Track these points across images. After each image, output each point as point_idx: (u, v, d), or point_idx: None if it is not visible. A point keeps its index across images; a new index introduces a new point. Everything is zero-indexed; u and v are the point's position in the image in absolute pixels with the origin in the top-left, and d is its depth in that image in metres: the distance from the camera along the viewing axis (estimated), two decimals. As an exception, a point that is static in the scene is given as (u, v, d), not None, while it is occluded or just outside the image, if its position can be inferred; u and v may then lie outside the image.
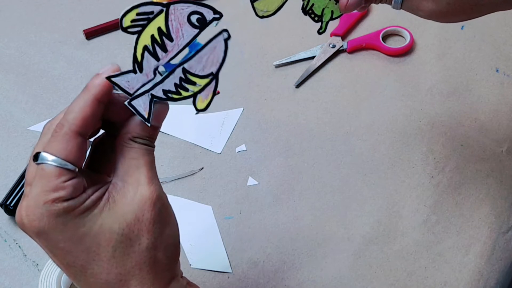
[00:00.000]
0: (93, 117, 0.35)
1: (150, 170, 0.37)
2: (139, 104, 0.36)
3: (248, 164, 0.64)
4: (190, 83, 0.36)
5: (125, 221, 0.35)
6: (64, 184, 0.34)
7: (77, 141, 0.35)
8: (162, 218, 0.37)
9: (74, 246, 0.35)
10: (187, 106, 0.68)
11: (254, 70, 0.73)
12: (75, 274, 0.36)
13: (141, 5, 0.34)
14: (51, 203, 0.33)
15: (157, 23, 0.34)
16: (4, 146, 0.65)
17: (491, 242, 0.58)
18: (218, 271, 0.56)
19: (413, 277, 0.55)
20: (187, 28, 0.34)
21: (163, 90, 0.36)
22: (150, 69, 0.35)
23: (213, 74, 0.36)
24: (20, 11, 0.81)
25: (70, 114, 0.35)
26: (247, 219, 0.59)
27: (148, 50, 0.35)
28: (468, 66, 0.73)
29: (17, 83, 0.72)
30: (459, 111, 0.68)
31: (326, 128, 0.67)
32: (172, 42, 0.35)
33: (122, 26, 0.34)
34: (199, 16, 0.34)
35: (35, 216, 0.34)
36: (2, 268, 0.56)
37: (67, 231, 0.34)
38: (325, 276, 0.56)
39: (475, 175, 0.63)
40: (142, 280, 0.36)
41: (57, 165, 0.34)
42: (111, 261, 0.35)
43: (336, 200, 0.61)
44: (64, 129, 0.35)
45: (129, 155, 0.37)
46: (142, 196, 0.36)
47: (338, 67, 0.74)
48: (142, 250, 0.36)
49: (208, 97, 0.36)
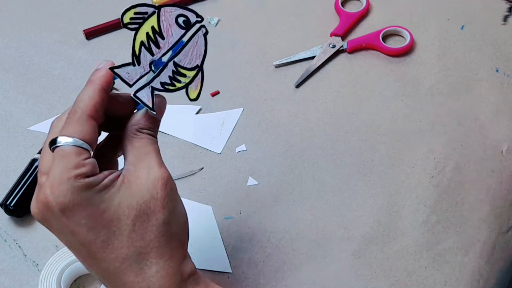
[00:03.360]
0: (102, 104, 0.39)
1: (158, 156, 0.40)
2: (143, 96, 0.41)
3: (248, 164, 0.64)
4: (181, 75, 0.41)
5: (142, 198, 0.38)
6: (84, 162, 0.37)
7: (91, 123, 0.38)
8: (173, 196, 0.40)
9: (96, 222, 0.37)
10: (187, 106, 0.68)
11: (254, 70, 0.73)
12: (94, 252, 0.38)
13: (138, 5, 0.39)
14: (74, 179, 0.36)
15: (151, 22, 0.40)
16: (4, 146, 0.65)
17: (491, 242, 0.58)
18: (218, 271, 0.56)
19: (413, 277, 0.55)
20: (175, 28, 0.40)
21: (160, 82, 0.41)
22: (146, 63, 0.41)
23: (198, 66, 0.42)
24: (20, 11, 0.81)
25: (81, 102, 0.39)
26: (247, 219, 0.59)
27: (144, 46, 0.40)
28: (468, 66, 0.73)
29: (17, 83, 0.72)
30: (459, 111, 0.68)
31: (326, 128, 0.67)
32: (164, 39, 0.40)
33: (123, 22, 0.39)
34: (185, 19, 0.40)
35: (60, 192, 0.36)
36: (2, 268, 0.56)
37: (90, 207, 0.37)
38: (325, 276, 0.56)
39: (475, 175, 0.63)
40: (161, 252, 0.38)
41: (75, 144, 0.37)
42: (132, 234, 0.38)
43: (336, 200, 0.61)
44: (77, 114, 0.38)
45: (138, 144, 0.40)
46: (154, 177, 0.39)
47: (338, 67, 0.74)
48: (159, 224, 0.38)
49: (197, 88, 0.42)
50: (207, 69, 0.42)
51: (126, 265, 0.38)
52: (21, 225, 0.58)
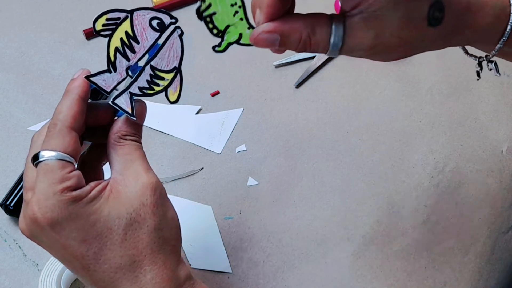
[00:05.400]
0: (81, 114, 0.39)
1: (145, 162, 0.40)
2: (121, 102, 0.41)
3: (248, 164, 0.64)
4: (159, 79, 0.41)
5: (131, 206, 0.38)
6: (69, 175, 0.36)
7: (72, 135, 0.38)
8: (163, 202, 0.39)
9: (87, 234, 0.37)
10: (187, 106, 0.68)
11: (254, 70, 0.73)
12: (87, 265, 0.37)
13: (109, 11, 0.39)
14: (61, 193, 0.36)
15: (124, 27, 0.39)
16: (4, 146, 0.65)
17: (491, 242, 0.58)
18: (218, 271, 0.56)
19: (413, 277, 0.55)
20: (149, 31, 0.40)
21: (138, 87, 0.41)
22: (122, 69, 0.40)
23: (176, 68, 0.41)
24: (20, 11, 0.81)
25: (60, 114, 0.38)
26: (247, 219, 0.59)
27: (119, 51, 0.40)
28: (468, 66, 0.73)
29: (17, 83, 0.72)
30: (459, 111, 0.68)
31: (326, 128, 0.67)
32: (139, 44, 0.40)
33: (95, 30, 0.39)
34: (159, 21, 0.40)
35: (48, 208, 0.36)
36: (2, 268, 0.56)
37: (79, 219, 0.36)
38: (325, 276, 0.56)
39: (475, 175, 0.63)
40: (154, 259, 0.38)
41: (59, 158, 0.37)
42: (124, 244, 0.37)
43: (336, 200, 0.61)
44: (58, 127, 0.38)
45: (123, 151, 0.40)
46: (143, 183, 0.39)
47: (338, 67, 0.74)
48: (151, 231, 0.38)
49: (177, 90, 0.42)
50: (207, 70, 0.42)
51: (120, 274, 0.37)
52: (21, 225, 0.58)
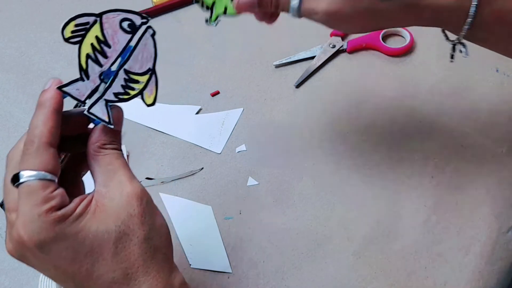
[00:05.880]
0: (57, 128, 0.38)
1: (127, 170, 0.39)
2: (97, 111, 0.39)
3: (248, 164, 0.64)
4: (134, 82, 0.39)
5: (119, 219, 0.37)
6: (52, 195, 0.36)
7: (51, 152, 0.37)
8: (150, 210, 0.39)
9: (77, 252, 0.36)
10: (187, 106, 0.68)
11: (254, 70, 0.73)
12: (81, 282, 0.37)
13: (77, 16, 0.38)
14: (46, 214, 0.35)
15: (94, 32, 0.38)
16: (4, 146, 0.65)
17: (491, 242, 0.58)
18: (218, 271, 0.56)
19: (413, 277, 0.55)
20: (121, 34, 0.38)
21: (113, 93, 0.39)
22: (95, 75, 0.39)
23: (151, 69, 0.39)
24: (20, 11, 0.81)
25: (36, 129, 0.37)
26: (247, 219, 0.59)
27: (90, 58, 0.38)
28: (468, 66, 0.73)
29: (17, 83, 0.72)
30: (459, 111, 0.68)
31: (326, 128, 0.67)
32: (110, 48, 0.38)
33: (64, 37, 0.38)
34: (130, 22, 0.38)
35: (34, 230, 0.35)
36: (2, 268, 0.56)
37: (67, 239, 0.36)
38: (325, 276, 0.56)
39: (475, 175, 0.63)
40: (147, 270, 0.38)
41: (40, 178, 0.36)
42: (115, 258, 0.37)
43: (336, 200, 0.61)
44: (35, 144, 0.37)
45: (104, 162, 0.39)
46: (128, 194, 0.38)
47: (338, 67, 0.74)
48: (141, 242, 0.38)
49: (153, 92, 0.40)
50: (207, 70, 0.42)
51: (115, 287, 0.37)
52: (21, 225, 0.58)
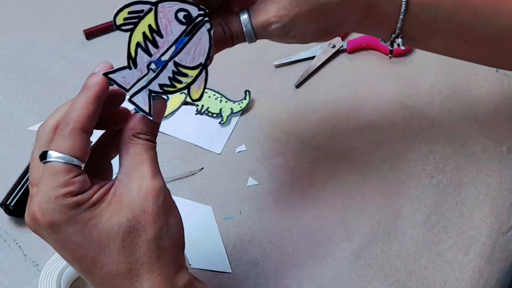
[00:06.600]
0: (95, 114, 0.37)
1: (153, 165, 0.39)
2: (139, 100, 0.38)
3: (248, 164, 0.64)
4: (182, 75, 0.38)
5: (132, 213, 0.37)
6: (73, 180, 0.36)
7: (83, 138, 0.37)
8: (166, 209, 0.38)
9: (85, 239, 0.36)
10: (187, 106, 0.68)
11: (254, 70, 0.73)
12: (86, 267, 0.37)
13: (132, 4, 0.36)
14: (62, 197, 0.35)
15: (148, 20, 0.37)
16: (4, 146, 0.65)
17: (491, 242, 0.58)
18: (218, 271, 0.56)
19: (413, 277, 0.55)
20: (175, 24, 0.37)
21: (159, 84, 0.38)
22: (143, 65, 0.38)
23: (202, 64, 0.38)
24: (20, 11, 0.81)
25: (74, 112, 0.37)
26: (247, 219, 0.59)
27: (140, 47, 0.37)
28: (468, 66, 0.73)
29: (17, 83, 0.72)
30: (459, 111, 0.68)
31: (326, 128, 0.67)
32: (163, 38, 0.37)
33: (116, 24, 0.37)
34: (186, 13, 0.37)
35: (47, 211, 0.36)
36: (2, 268, 0.56)
37: (78, 224, 0.36)
38: (325, 276, 0.56)
39: (475, 175, 0.63)
40: (152, 268, 0.38)
41: (65, 161, 0.36)
42: (121, 251, 0.37)
43: (336, 200, 0.61)
44: (69, 127, 0.36)
45: (133, 151, 0.38)
46: (146, 189, 0.37)
47: (338, 67, 0.73)
48: (150, 240, 0.37)
49: (201, 87, 0.39)
50: (207, 69, 0.41)
51: (117, 280, 0.37)
52: (21, 225, 0.58)
